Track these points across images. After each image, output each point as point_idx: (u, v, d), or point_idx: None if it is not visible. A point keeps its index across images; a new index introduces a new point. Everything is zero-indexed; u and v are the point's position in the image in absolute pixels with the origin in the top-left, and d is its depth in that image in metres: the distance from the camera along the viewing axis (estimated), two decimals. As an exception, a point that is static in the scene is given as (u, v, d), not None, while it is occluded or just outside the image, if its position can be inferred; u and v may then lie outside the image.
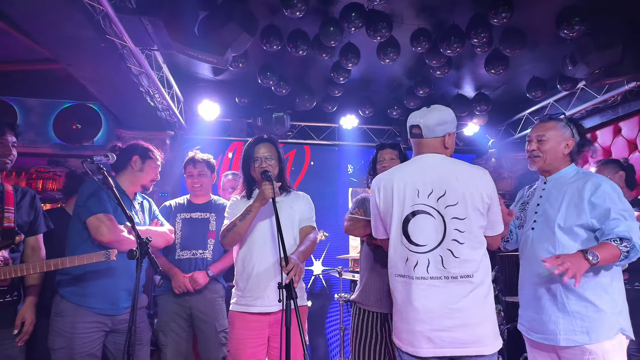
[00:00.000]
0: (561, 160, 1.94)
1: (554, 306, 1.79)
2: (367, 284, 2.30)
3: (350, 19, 3.09)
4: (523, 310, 1.96)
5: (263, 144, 2.22)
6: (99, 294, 2.13)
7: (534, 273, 1.88)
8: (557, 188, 1.91)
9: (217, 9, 2.80)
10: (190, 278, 2.59)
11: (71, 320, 2.07)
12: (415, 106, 4.71)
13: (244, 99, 4.79)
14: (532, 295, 1.88)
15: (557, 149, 1.92)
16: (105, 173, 1.98)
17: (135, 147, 2.44)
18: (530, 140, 2.00)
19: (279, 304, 1.99)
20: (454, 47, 3.30)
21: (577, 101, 4.42)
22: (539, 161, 1.96)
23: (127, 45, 2.88)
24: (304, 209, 2.27)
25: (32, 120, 5.02)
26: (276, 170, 2.21)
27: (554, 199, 1.89)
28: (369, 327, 2.25)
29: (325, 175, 5.55)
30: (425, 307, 1.64)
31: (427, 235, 1.69)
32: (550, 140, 1.92)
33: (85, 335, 2.07)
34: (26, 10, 2.54)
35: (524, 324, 1.95)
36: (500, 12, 2.93)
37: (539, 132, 1.96)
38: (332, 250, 5.27)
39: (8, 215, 2.08)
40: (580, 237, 1.80)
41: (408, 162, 1.91)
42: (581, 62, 3.18)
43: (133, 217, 2.32)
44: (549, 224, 1.86)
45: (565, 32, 3.04)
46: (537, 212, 1.93)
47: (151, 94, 3.80)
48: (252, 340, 2.08)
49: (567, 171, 1.94)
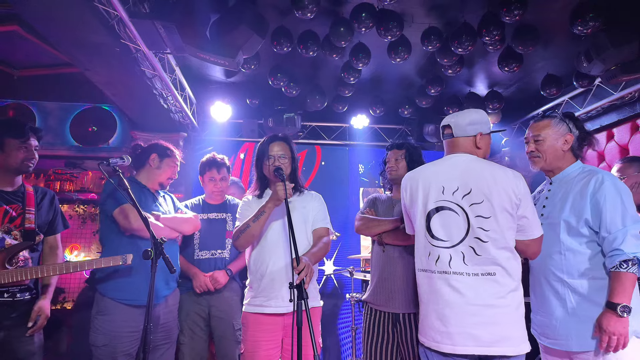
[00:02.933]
0: (562, 157, 1.90)
1: (564, 311, 1.75)
2: (378, 284, 2.30)
3: (360, 19, 3.09)
4: (534, 314, 1.93)
5: (277, 142, 2.22)
6: (134, 285, 2.22)
7: (542, 277, 1.85)
8: (562, 188, 1.87)
9: (228, 12, 2.83)
10: (211, 277, 2.63)
11: (112, 319, 2.17)
12: (427, 105, 4.69)
13: (255, 100, 4.83)
14: (542, 299, 1.86)
15: (556, 146, 1.88)
16: (121, 175, 2.03)
17: (155, 145, 2.56)
18: (528, 142, 1.97)
19: (286, 306, 2.04)
20: (465, 46, 3.27)
21: (592, 98, 4.33)
22: (540, 161, 1.92)
23: (141, 49, 2.94)
24: (318, 209, 2.25)
25: (50, 123, 5.15)
26: (289, 169, 2.21)
27: (559, 199, 1.84)
28: (380, 327, 2.24)
29: (337, 175, 5.55)
30: (447, 302, 1.62)
31: (449, 231, 1.68)
32: (547, 138, 1.89)
33: (125, 335, 2.16)
34: (45, 17, 2.61)
35: (536, 328, 1.92)
36: (513, 9, 2.89)
37: (534, 132, 1.93)
38: (343, 250, 5.27)
39: (29, 216, 2.16)
40: (585, 237, 1.75)
41: (438, 161, 1.89)
42: (597, 58, 3.11)
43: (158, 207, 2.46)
44: (554, 226, 1.81)
45: (579, 28, 2.98)
46: (543, 214, 1.88)
47: (164, 96, 3.86)
48: (266, 342, 2.07)
49: (571, 169, 1.89)
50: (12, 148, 2.14)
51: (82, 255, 5.56)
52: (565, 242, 1.77)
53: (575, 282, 1.74)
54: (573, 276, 1.74)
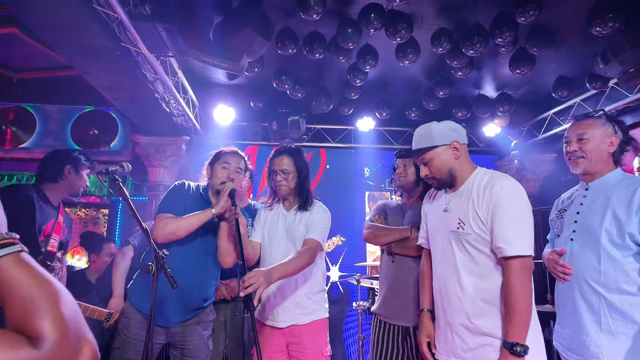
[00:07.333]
0: (606, 161, 1.77)
1: (597, 326, 1.64)
2: (387, 296, 2.21)
3: (369, 20, 2.99)
4: (561, 327, 1.82)
5: (280, 156, 2.14)
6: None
7: (574, 288, 1.73)
8: (600, 195, 1.74)
9: (232, 14, 2.74)
10: (227, 286, 2.53)
11: (129, 324, 2.08)
12: (435, 107, 4.58)
13: (259, 103, 4.74)
14: (571, 312, 1.74)
15: (601, 147, 1.75)
16: (120, 184, 1.93)
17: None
18: (569, 141, 1.82)
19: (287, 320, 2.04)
20: (477, 47, 3.16)
21: (606, 100, 4.21)
22: (584, 162, 1.77)
23: (142, 52, 2.85)
24: (312, 221, 2.10)
25: (50, 126, 5.09)
26: (293, 183, 2.11)
27: (598, 207, 1.71)
28: (390, 340, 2.16)
29: (342, 178, 5.45)
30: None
31: None
32: (592, 138, 1.75)
33: (136, 342, 2.05)
34: (42, 19, 2.54)
35: (562, 342, 1.81)
36: (528, 9, 2.78)
37: (579, 130, 1.79)
38: (348, 255, 5.18)
39: (53, 241, 2.32)
40: (629, 249, 1.63)
41: None
42: (614, 60, 3.01)
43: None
44: (591, 235, 1.70)
45: (597, 29, 2.87)
46: (577, 222, 1.76)
47: (166, 99, 3.78)
48: (269, 346, 2.05)
49: (612, 176, 1.75)
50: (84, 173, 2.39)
51: (83, 259, 5.49)
52: (608, 252, 1.65)
53: (613, 297, 1.62)
54: (611, 290, 1.63)
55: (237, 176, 2.12)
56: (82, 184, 2.40)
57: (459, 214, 1.66)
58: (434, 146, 1.70)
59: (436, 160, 1.70)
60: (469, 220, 1.61)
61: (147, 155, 4.85)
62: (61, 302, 0.61)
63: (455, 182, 1.73)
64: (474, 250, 1.61)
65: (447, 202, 1.74)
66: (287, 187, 2.10)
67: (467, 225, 1.62)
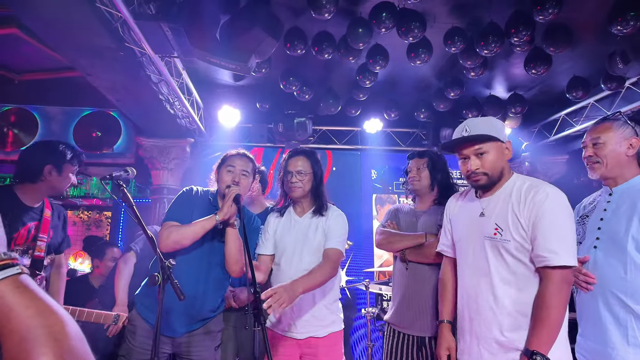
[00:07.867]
0: (626, 164, 1.70)
1: (623, 339, 1.56)
2: (401, 304, 2.13)
3: (380, 19, 2.89)
4: (584, 339, 1.73)
5: (296, 157, 2.07)
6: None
7: (597, 298, 1.65)
8: (626, 200, 1.66)
9: (239, 13, 2.65)
10: (236, 297, 2.43)
11: (134, 331, 2.02)
12: (445, 108, 4.48)
13: (265, 104, 4.65)
14: (595, 323, 1.66)
15: (618, 150, 1.69)
16: (125, 190, 1.85)
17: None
18: (585, 146, 1.78)
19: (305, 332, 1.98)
20: (491, 47, 3.06)
21: (622, 101, 4.10)
22: (600, 167, 1.72)
23: (147, 52, 2.76)
24: (329, 228, 2.04)
25: (52, 128, 5.02)
26: (308, 186, 2.05)
27: (623, 212, 1.64)
28: (404, 351, 2.08)
29: (348, 181, 5.36)
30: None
31: None
32: (608, 142, 1.70)
33: (141, 351, 1.99)
34: (43, 19, 2.46)
35: (585, 354, 1.72)
36: (547, 7, 2.67)
37: (593, 135, 1.75)
38: (356, 259, 5.09)
39: (40, 244, 2.08)
40: None
41: None
42: (635, 60, 2.90)
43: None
44: (616, 242, 1.62)
45: (618, 27, 2.76)
46: (601, 228, 1.69)
47: (171, 101, 3.70)
48: (282, 357, 1.99)
49: (638, 180, 1.69)
50: (68, 173, 2.13)
51: (86, 262, 5.42)
52: (634, 259, 1.57)
53: None
54: (638, 301, 1.55)
55: (243, 179, 2.01)
56: (65, 184, 2.13)
57: (496, 219, 1.57)
58: (497, 138, 1.58)
59: (493, 154, 1.58)
60: (508, 226, 1.52)
61: (151, 157, 4.77)
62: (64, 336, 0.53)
63: (496, 184, 1.63)
64: (512, 258, 1.52)
65: (484, 207, 1.64)
66: (302, 189, 2.02)
67: (506, 232, 1.53)
